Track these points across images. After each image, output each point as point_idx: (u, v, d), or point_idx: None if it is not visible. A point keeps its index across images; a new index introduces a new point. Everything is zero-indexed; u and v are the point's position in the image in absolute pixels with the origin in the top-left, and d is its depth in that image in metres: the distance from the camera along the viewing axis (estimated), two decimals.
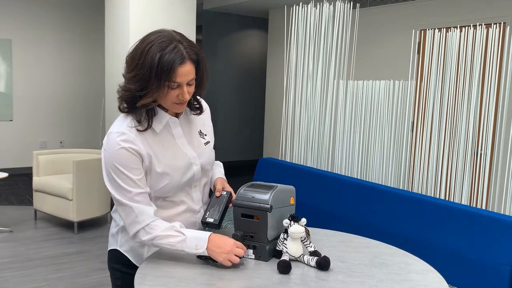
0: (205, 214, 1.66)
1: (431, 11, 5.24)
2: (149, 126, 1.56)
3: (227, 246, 1.50)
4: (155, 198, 1.62)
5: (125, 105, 1.55)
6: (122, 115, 1.59)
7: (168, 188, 1.60)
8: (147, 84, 1.47)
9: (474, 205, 3.21)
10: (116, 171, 1.51)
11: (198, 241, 1.52)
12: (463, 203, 3.20)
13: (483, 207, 3.14)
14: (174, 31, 1.54)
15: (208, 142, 1.73)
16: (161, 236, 1.53)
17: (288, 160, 4.35)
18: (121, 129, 1.54)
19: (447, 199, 3.35)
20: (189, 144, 1.66)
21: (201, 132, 1.72)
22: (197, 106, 1.71)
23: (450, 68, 3.23)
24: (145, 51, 1.47)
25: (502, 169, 3.74)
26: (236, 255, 1.50)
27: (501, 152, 3.07)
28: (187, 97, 1.52)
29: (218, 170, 1.85)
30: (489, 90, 3.06)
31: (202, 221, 1.65)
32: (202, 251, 1.51)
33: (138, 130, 1.54)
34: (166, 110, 1.61)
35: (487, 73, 3.06)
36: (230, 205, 1.69)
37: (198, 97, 1.72)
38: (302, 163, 4.21)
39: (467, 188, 3.18)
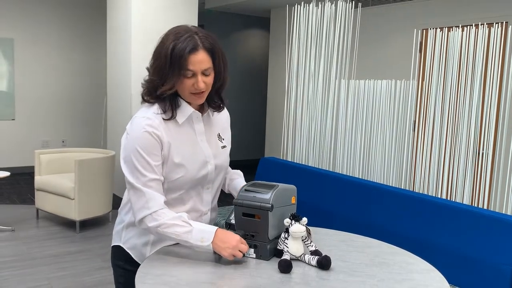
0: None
1: (433, 11, 5.24)
2: (173, 116, 1.60)
3: (232, 241, 1.52)
4: (166, 191, 1.63)
5: (149, 96, 1.61)
6: (146, 105, 1.64)
7: (182, 181, 1.62)
8: (165, 74, 1.53)
9: (475, 205, 3.21)
10: (136, 154, 1.55)
11: (205, 233, 1.54)
12: (464, 202, 3.20)
13: (485, 207, 3.13)
14: (193, 26, 1.62)
15: (224, 146, 1.76)
16: (168, 225, 1.55)
17: (290, 160, 4.35)
18: (147, 114, 1.59)
19: (448, 198, 3.35)
20: (207, 143, 1.69)
21: (219, 135, 1.76)
22: (218, 103, 1.72)
23: (452, 67, 3.23)
24: (162, 43, 1.55)
25: (504, 168, 3.73)
26: (240, 251, 1.52)
27: (503, 152, 3.07)
28: (202, 85, 1.55)
29: (242, 179, 1.89)
30: (491, 89, 3.06)
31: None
32: (207, 244, 1.52)
33: (163, 118, 1.58)
34: (189, 102, 1.64)
35: (489, 72, 3.06)
36: None
37: (217, 99, 1.73)
38: (303, 163, 4.21)
39: (468, 188, 3.18)
